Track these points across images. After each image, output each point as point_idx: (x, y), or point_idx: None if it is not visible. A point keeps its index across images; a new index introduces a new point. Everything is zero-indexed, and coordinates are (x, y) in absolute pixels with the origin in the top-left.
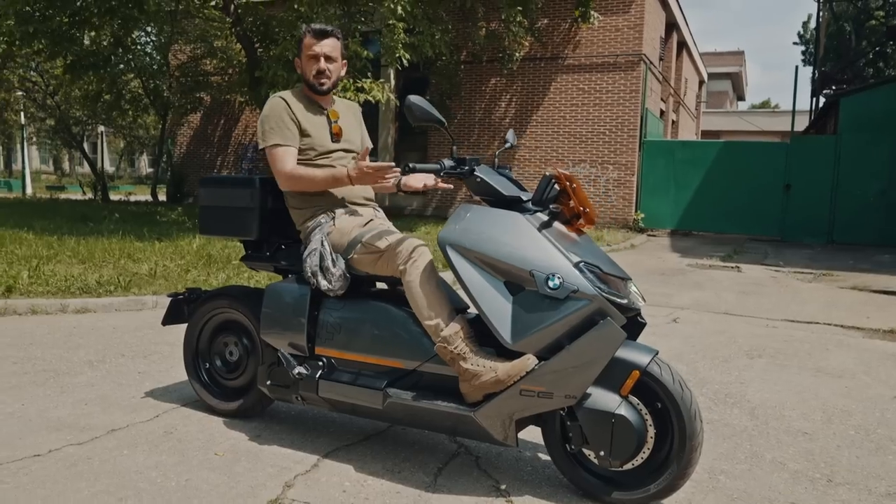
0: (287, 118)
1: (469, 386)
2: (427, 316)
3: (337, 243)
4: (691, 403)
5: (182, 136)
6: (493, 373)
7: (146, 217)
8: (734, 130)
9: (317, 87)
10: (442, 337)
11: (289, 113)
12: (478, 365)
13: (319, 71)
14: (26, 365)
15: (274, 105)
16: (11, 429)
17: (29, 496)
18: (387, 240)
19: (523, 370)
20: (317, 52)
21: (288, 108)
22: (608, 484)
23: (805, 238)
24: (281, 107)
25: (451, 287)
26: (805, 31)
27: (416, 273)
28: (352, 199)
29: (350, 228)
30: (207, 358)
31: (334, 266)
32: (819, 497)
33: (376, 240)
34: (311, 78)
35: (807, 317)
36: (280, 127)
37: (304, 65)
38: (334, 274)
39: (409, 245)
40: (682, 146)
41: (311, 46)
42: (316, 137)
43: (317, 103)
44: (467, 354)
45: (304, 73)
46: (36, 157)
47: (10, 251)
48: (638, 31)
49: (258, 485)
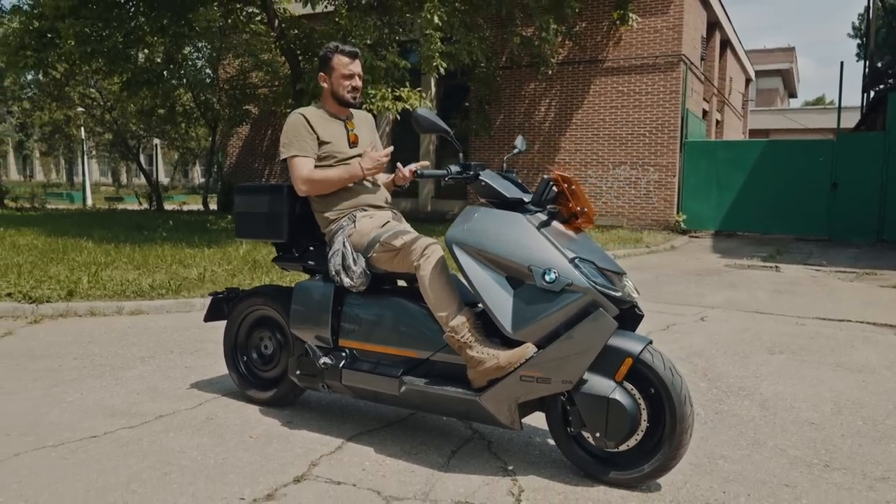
0: (304, 131)
1: (475, 372)
2: (438, 307)
3: (357, 244)
4: (681, 388)
5: (232, 147)
6: (496, 360)
7: (197, 225)
8: (784, 129)
9: (350, 101)
10: (450, 326)
11: (306, 126)
12: (482, 353)
13: (354, 87)
14: (85, 360)
15: (292, 120)
16: (73, 414)
17: (87, 469)
18: (402, 239)
19: (523, 357)
20: (352, 72)
21: (306, 122)
22: (606, 464)
23: (853, 237)
24: (299, 121)
25: (463, 283)
26: (860, 25)
27: (428, 268)
28: (371, 203)
29: (369, 230)
30: (245, 351)
31: (355, 265)
32: (812, 480)
33: (392, 239)
34: (346, 93)
35: (839, 315)
36: (297, 139)
37: (337, 81)
38: (356, 272)
39: (423, 243)
40: (724, 146)
41: (346, 66)
42: (335, 144)
43: (335, 115)
44: (472, 343)
45: (336, 89)
46: (95, 170)
47: (72, 258)
48: (677, 31)
49: (287, 463)
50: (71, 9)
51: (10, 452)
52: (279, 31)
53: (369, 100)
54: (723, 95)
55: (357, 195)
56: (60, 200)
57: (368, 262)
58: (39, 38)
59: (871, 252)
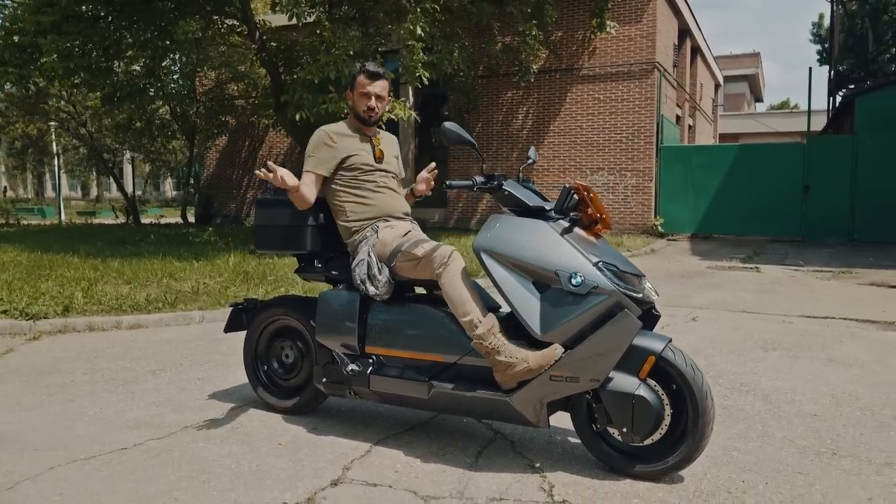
0: (323, 146)
1: (504, 375)
2: (462, 313)
3: (381, 253)
4: (703, 384)
5: (209, 158)
6: (526, 363)
7: (179, 238)
8: (752, 133)
9: (366, 119)
10: (477, 335)
11: (326, 141)
12: (511, 357)
13: (369, 107)
14: (95, 375)
15: (315, 136)
16: (97, 428)
17: (125, 480)
18: (423, 248)
19: (552, 359)
20: (369, 91)
21: (329, 138)
22: (631, 458)
23: (826, 238)
24: (320, 137)
25: (482, 288)
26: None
27: (450, 276)
28: (392, 214)
29: (391, 239)
30: (266, 361)
31: (380, 273)
32: (823, 467)
33: (414, 248)
34: (362, 112)
35: (823, 312)
36: (314, 153)
37: (357, 99)
38: (380, 280)
39: (445, 251)
40: (698, 151)
41: (365, 85)
42: (360, 156)
43: (362, 131)
44: (501, 348)
45: (356, 106)
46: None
47: (60, 274)
48: (651, 39)
49: (320, 468)
50: (52, 24)
51: (44, 466)
52: (260, 43)
53: None
54: (694, 101)
55: (379, 207)
56: (32, 216)
57: (392, 271)
58: (20, 52)
59: (843, 252)
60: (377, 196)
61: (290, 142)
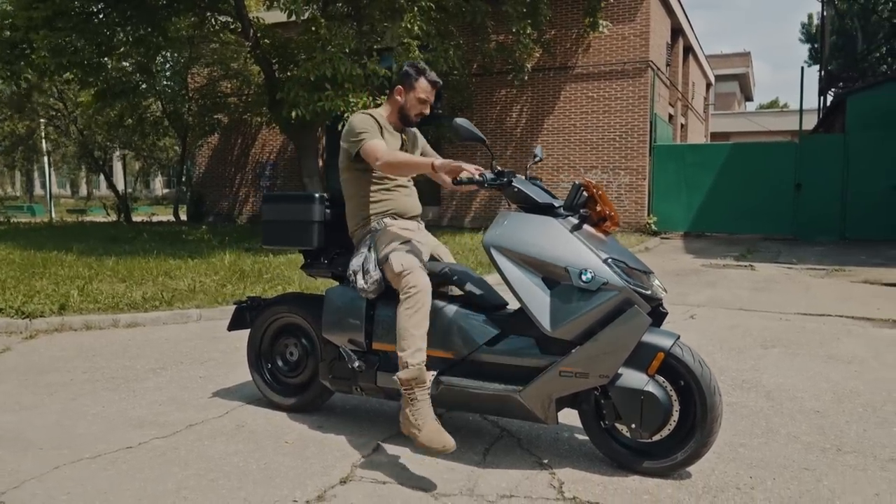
0: (375, 129)
1: (403, 423)
2: (399, 347)
3: (378, 251)
4: (711, 380)
5: (201, 156)
6: (418, 431)
7: (172, 236)
8: (743, 132)
9: (412, 121)
10: (400, 375)
11: (377, 127)
12: (415, 417)
13: (422, 113)
14: (95, 374)
15: (364, 118)
16: (100, 426)
17: (132, 479)
18: (402, 265)
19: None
20: (427, 99)
21: (377, 124)
22: (639, 455)
23: (817, 236)
24: (370, 120)
25: (489, 285)
26: (809, 29)
27: (408, 307)
28: (402, 212)
29: (389, 241)
30: (269, 359)
31: (374, 270)
32: (829, 463)
33: (396, 260)
34: (413, 115)
35: (819, 310)
36: (371, 130)
37: (411, 101)
38: (372, 277)
39: (413, 282)
40: (691, 149)
41: (426, 91)
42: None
43: (396, 128)
44: (415, 403)
45: (408, 108)
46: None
47: (54, 272)
48: (644, 38)
49: (329, 465)
50: (45, 20)
51: (49, 466)
52: (254, 41)
53: (350, 108)
54: (686, 100)
55: (391, 201)
56: (22, 214)
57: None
58: (11, 48)
59: (836, 250)
60: (392, 193)
61: (282, 140)
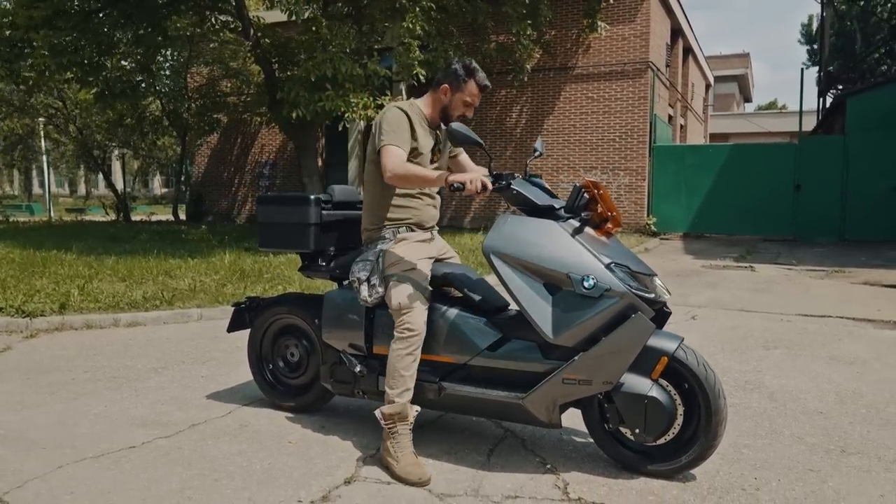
0: (405, 129)
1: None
2: (388, 384)
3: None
4: (715, 383)
5: (200, 155)
6: (396, 464)
7: (172, 236)
8: (742, 132)
9: (454, 121)
10: (384, 409)
11: (408, 126)
12: (393, 453)
13: (465, 115)
14: (97, 373)
15: (397, 115)
16: (102, 426)
17: (136, 479)
18: (401, 302)
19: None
20: (474, 102)
21: (409, 122)
22: (644, 457)
23: (817, 237)
24: (403, 118)
25: (490, 286)
26: (808, 31)
27: (397, 346)
28: (420, 223)
29: (396, 262)
30: (270, 360)
31: (380, 286)
32: (833, 464)
33: (397, 293)
34: (456, 115)
35: (819, 311)
36: (399, 131)
37: (456, 101)
38: (375, 288)
39: (408, 321)
40: (691, 150)
41: (473, 94)
42: (423, 157)
43: (433, 124)
44: (396, 437)
45: (452, 107)
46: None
47: (54, 271)
48: (644, 39)
49: (333, 466)
50: (45, 19)
51: (52, 465)
52: (254, 40)
53: (351, 108)
54: (686, 101)
55: (410, 209)
56: (20, 213)
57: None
58: (11, 47)
59: (835, 251)
60: (414, 202)
61: (281, 140)
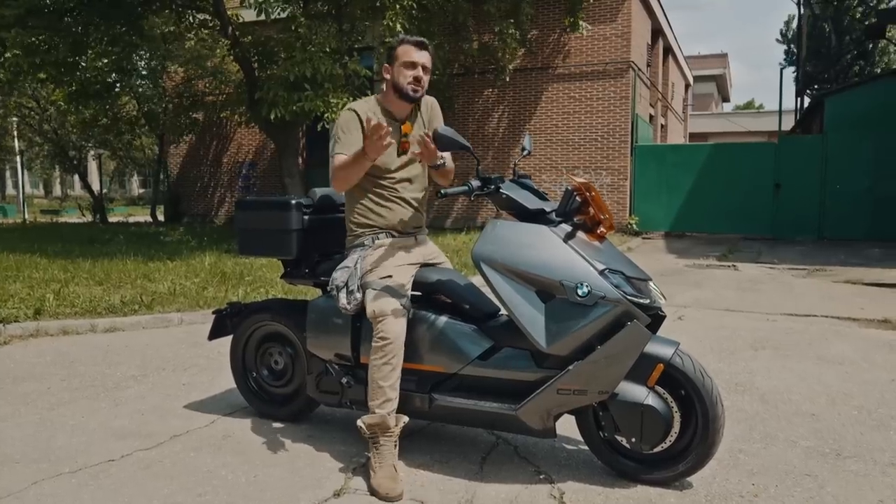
0: (354, 128)
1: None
2: (370, 396)
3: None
4: (712, 389)
5: (177, 156)
6: (374, 475)
7: (150, 238)
8: (721, 132)
9: (409, 93)
10: (366, 419)
11: (357, 125)
12: (376, 462)
13: (416, 78)
14: (74, 381)
15: (345, 117)
16: (80, 438)
17: (116, 495)
18: (375, 310)
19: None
20: (415, 60)
21: (357, 119)
22: (641, 465)
23: (797, 235)
24: (352, 118)
25: (480, 292)
26: (787, 31)
27: (374, 357)
28: (401, 228)
29: (373, 267)
30: (254, 368)
31: (358, 291)
32: (830, 468)
33: (372, 301)
34: (406, 84)
35: (804, 310)
36: (344, 135)
37: (398, 71)
38: (354, 295)
39: (382, 330)
40: (672, 150)
41: (410, 54)
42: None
43: (393, 115)
44: (379, 448)
45: (397, 79)
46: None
47: (28, 275)
48: (625, 38)
49: (321, 477)
50: (17, 18)
51: (27, 481)
52: (233, 39)
53: (330, 108)
54: (666, 100)
55: (387, 219)
56: None
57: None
58: None
59: (815, 249)
60: (389, 205)
61: (261, 139)
